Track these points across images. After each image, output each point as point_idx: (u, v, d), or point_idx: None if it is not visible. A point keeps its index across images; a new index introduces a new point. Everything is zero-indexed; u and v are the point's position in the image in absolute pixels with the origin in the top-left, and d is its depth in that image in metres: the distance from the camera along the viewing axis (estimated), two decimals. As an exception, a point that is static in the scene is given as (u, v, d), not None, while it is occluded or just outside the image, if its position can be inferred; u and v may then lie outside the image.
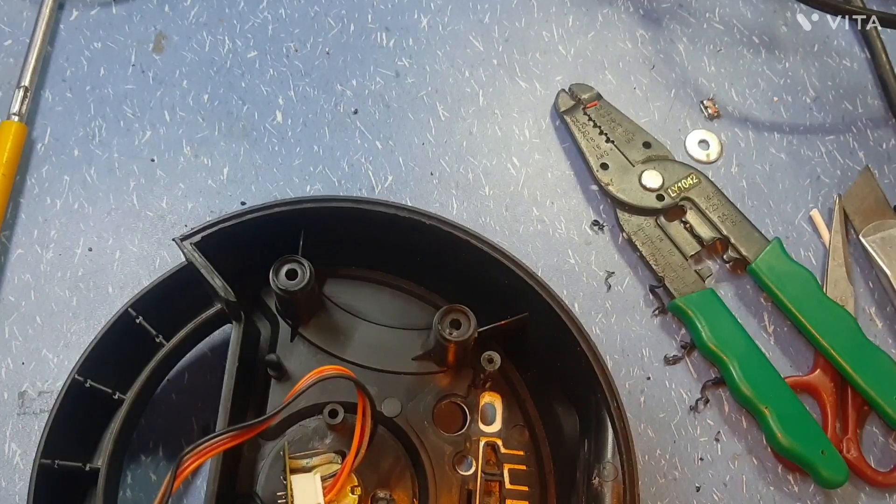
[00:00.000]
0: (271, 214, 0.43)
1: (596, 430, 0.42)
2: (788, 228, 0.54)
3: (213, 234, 0.42)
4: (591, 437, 0.42)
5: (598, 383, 0.41)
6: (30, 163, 0.53)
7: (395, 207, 0.44)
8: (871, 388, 0.48)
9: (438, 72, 0.58)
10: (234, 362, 0.41)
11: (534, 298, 0.43)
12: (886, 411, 0.48)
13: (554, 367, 0.44)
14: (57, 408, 0.40)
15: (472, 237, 0.44)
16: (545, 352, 0.44)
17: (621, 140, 0.55)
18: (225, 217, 0.43)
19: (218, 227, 0.42)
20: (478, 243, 0.44)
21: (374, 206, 0.44)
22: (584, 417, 0.43)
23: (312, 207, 0.44)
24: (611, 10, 0.61)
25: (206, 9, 0.58)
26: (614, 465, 0.40)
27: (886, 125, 0.58)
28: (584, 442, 0.43)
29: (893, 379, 0.48)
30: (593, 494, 0.40)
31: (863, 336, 0.49)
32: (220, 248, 0.42)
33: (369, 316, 0.47)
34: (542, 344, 0.44)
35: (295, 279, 0.42)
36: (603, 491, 0.40)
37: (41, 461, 0.39)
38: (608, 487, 0.40)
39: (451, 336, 0.42)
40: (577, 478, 0.42)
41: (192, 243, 0.42)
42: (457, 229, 0.44)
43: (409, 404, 0.44)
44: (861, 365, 0.48)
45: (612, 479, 0.40)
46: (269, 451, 0.43)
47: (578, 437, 0.43)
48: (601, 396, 0.41)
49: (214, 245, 0.42)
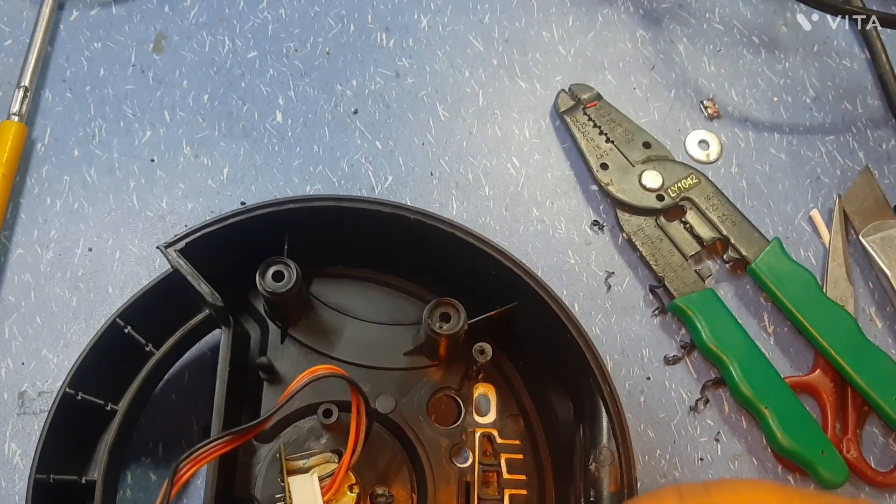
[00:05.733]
0: (255, 216, 0.43)
1: (590, 415, 0.42)
2: (788, 228, 0.54)
3: (198, 240, 0.42)
4: (585, 422, 0.42)
5: (591, 369, 0.41)
6: (30, 163, 0.53)
7: (378, 204, 0.44)
8: (871, 388, 0.48)
9: (438, 72, 0.58)
10: (225, 367, 0.41)
11: (522, 287, 0.43)
12: (886, 411, 0.48)
13: (546, 355, 0.44)
14: (50, 421, 0.40)
15: (457, 230, 0.44)
16: (536, 340, 0.44)
17: (621, 140, 0.55)
18: (208, 221, 0.42)
19: (201, 232, 0.42)
20: (463, 235, 0.44)
21: (357, 203, 0.44)
22: (577, 404, 0.43)
23: (296, 208, 0.43)
24: (611, 10, 0.61)
25: (206, 9, 0.58)
26: (610, 449, 0.40)
27: (886, 125, 0.58)
28: (580, 428, 0.43)
29: (893, 379, 0.48)
30: (591, 479, 0.40)
31: (863, 336, 0.49)
32: (205, 252, 0.42)
33: (359, 314, 0.47)
34: (532, 332, 0.44)
35: (282, 281, 0.42)
36: (600, 475, 0.40)
37: (36, 477, 0.39)
38: (605, 472, 0.40)
39: (441, 329, 0.42)
40: (574, 464, 0.42)
41: (177, 250, 0.42)
42: (441, 222, 0.44)
43: (403, 399, 0.44)
44: (861, 365, 0.48)
45: (609, 463, 0.40)
46: (266, 454, 0.43)
47: (573, 424, 0.43)
48: (594, 382, 0.41)
49: (199, 250, 0.42)
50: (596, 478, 0.40)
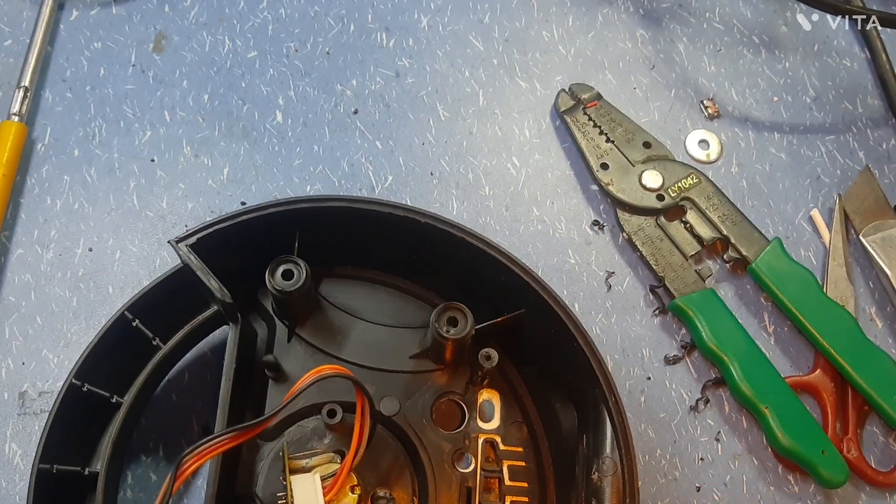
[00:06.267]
0: (266, 215, 0.43)
1: (594, 425, 0.42)
2: (788, 228, 0.54)
3: (209, 236, 0.42)
4: (589, 432, 0.42)
5: (596, 378, 0.41)
6: (30, 163, 0.53)
7: (390, 206, 0.44)
8: (872, 387, 0.48)
9: (438, 72, 0.58)
10: (231, 364, 0.41)
11: (530, 295, 0.43)
12: (886, 411, 0.48)
13: (551, 363, 0.44)
14: (55, 412, 0.40)
15: (467, 235, 0.44)
16: (542, 348, 0.44)
17: (621, 140, 0.55)
18: (220, 218, 0.42)
19: (213, 228, 0.42)
20: (474, 241, 0.44)
21: (369, 205, 0.44)
22: (582, 413, 0.43)
23: (308, 207, 0.43)
24: (611, 9, 0.61)
25: (206, 9, 0.58)
26: (613, 459, 0.40)
27: (886, 125, 0.58)
28: (583, 437, 0.43)
29: (893, 379, 0.48)
30: (593, 489, 0.40)
31: (863, 336, 0.49)
32: (215, 249, 0.42)
33: (366, 315, 0.47)
34: (539, 340, 0.44)
35: (291, 279, 0.42)
36: (602, 486, 0.40)
37: (40, 466, 0.39)
38: (607, 482, 0.40)
39: (448, 334, 0.42)
40: (577, 473, 0.42)
41: (188, 245, 0.42)
42: (452, 227, 0.44)
43: (408, 403, 0.44)
44: (861, 365, 0.48)
45: (612, 473, 0.40)
46: (269, 452, 0.43)
47: (577, 433, 0.43)
48: (599, 391, 0.41)
49: (210, 246, 0.42)
50: (598, 488, 0.40)
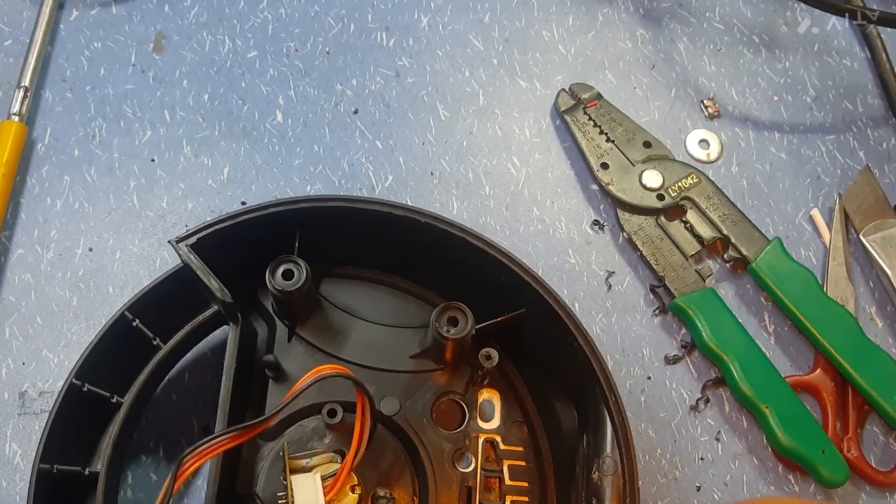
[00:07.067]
0: (267, 215, 0.43)
1: (594, 424, 0.42)
2: (789, 228, 0.54)
3: (209, 236, 0.42)
4: (589, 431, 0.42)
5: (597, 378, 0.41)
6: (30, 163, 0.53)
7: (390, 206, 0.44)
8: (872, 387, 0.48)
9: (438, 71, 0.58)
10: (231, 364, 0.41)
11: (530, 294, 0.43)
12: (887, 411, 0.48)
13: (552, 363, 0.44)
14: (55, 412, 0.40)
15: (467, 234, 0.44)
16: (543, 347, 0.44)
17: (621, 140, 0.55)
18: (220, 218, 0.42)
19: (213, 228, 0.42)
20: (473, 240, 0.44)
21: (369, 205, 0.44)
22: (582, 412, 0.43)
23: (308, 207, 0.43)
24: (611, 9, 0.60)
25: (206, 9, 0.58)
26: (613, 459, 0.40)
27: (886, 125, 0.58)
28: (583, 437, 0.43)
29: (894, 378, 0.48)
30: (593, 489, 0.40)
31: (863, 336, 0.49)
32: (215, 249, 0.42)
33: (366, 315, 0.47)
34: (539, 340, 0.44)
35: (291, 279, 0.42)
36: (603, 485, 0.40)
37: (40, 466, 0.39)
38: (608, 481, 0.40)
39: (448, 333, 0.42)
40: (577, 472, 0.42)
41: (188, 245, 0.42)
42: (452, 227, 0.44)
43: (408, 402, 0.44)
44: (861, 364, 0.48)
45: (612, 473, 0.40)
46: (269, 452, 0.43)
47: (577, 432, 0.43)
48: (599, 391, 0.41)
49: (210, 246, 0.42)
50: (598, 487, 0.40)
